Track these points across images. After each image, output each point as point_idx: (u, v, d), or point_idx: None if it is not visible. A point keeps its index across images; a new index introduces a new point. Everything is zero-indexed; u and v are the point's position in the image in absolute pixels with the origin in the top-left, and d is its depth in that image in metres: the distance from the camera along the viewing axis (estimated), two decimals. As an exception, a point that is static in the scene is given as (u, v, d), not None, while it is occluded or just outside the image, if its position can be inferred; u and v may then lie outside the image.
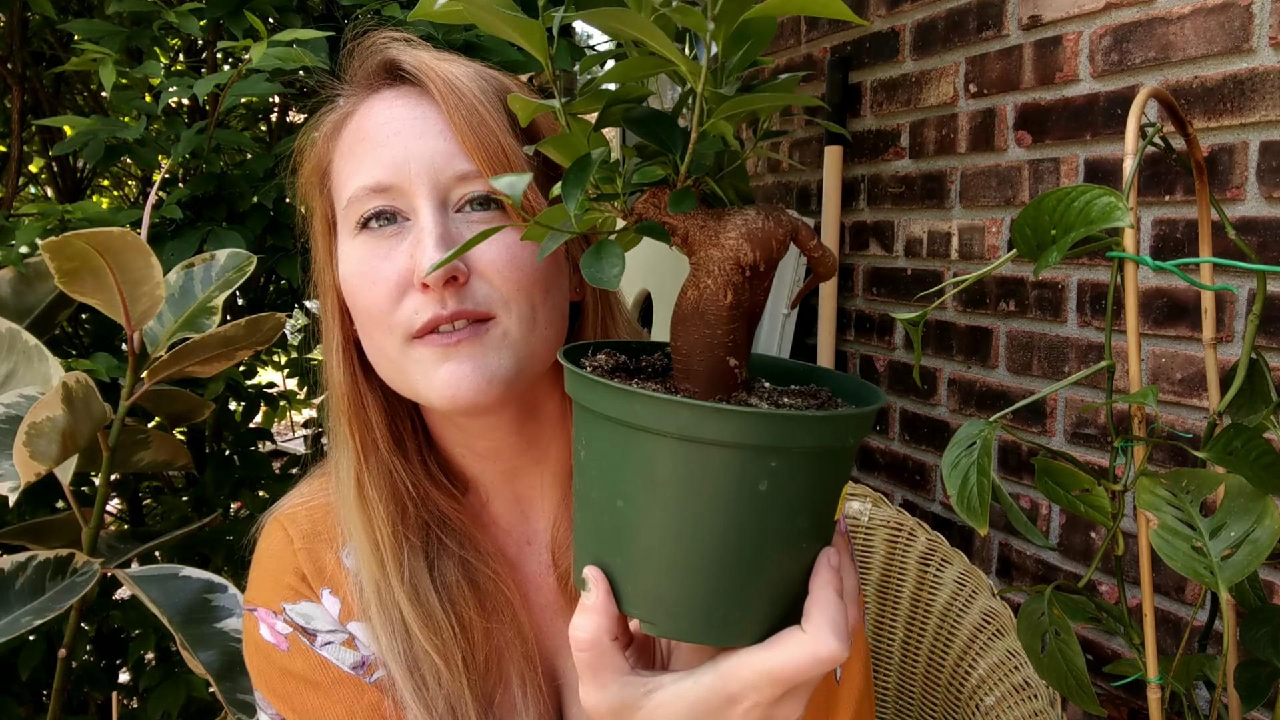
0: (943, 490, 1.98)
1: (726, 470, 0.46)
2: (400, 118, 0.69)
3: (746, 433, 0.45)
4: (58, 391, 0.81)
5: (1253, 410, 0.66)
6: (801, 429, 0.46)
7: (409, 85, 0.71)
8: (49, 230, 1.13)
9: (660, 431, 0.46)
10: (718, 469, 0.46)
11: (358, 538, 0.73)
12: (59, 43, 1.63)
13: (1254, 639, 0.65)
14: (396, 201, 0.68)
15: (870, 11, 2.11)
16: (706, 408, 0.45)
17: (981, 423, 0.61)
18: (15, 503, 0.82)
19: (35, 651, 1.31)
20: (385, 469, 0.74)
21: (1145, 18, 1.45)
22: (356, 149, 0.70)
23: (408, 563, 0.73)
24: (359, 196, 0.68)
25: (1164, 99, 0.64)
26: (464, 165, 0.68)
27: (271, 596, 0.76)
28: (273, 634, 0.75)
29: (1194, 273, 1.25)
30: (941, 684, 1.17)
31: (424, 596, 0.72)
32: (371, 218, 0.68)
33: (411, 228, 0.68)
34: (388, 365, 0.70)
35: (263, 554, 0.79)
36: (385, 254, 0.67)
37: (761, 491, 0.46)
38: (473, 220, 0.68)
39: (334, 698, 0.72)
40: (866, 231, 2.16)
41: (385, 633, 0.72)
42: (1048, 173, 1.66)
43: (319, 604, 0.75)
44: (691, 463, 0.46)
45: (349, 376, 0.75)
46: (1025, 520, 0.69)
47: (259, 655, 0.75)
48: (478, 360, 0.66)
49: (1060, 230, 0.53)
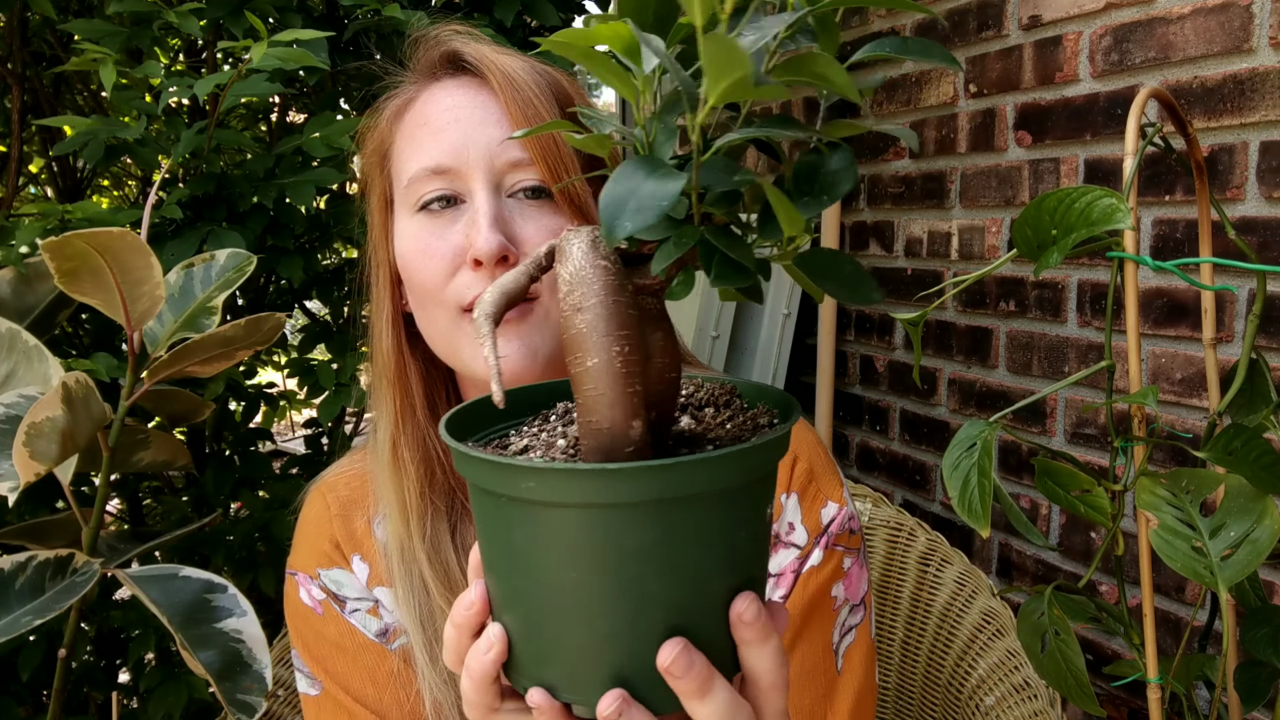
0: (943, 490, 1.98)
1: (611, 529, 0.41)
2: (461, 105, 0.74)
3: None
4: (58, 391, 0.81)
5: (1253, 410, 0.66)
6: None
7: (469, 75, 0.76)
8: (49, 230, 1.13)
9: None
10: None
11: (387, 497, 0.78)
12: (59, 43, 1.63)
13: (1254, 639, 0.65)
14: (454, 184, 0.73)
15: (870, 12, 2.11)
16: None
17: (982, 423, 0.61)
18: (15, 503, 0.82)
19: (35, 651, 1.31)
20: (420, 434, 0.79)
21: (1145, 18, 1.45)
22: (418, 133, 0.75)
23: (431, 524, 0.77)
24: (419, 178, 0.73)
25: (1164, 99, 0.64)
26: (518, 153, 0.73)
27: (309, 562, 0.82)
28: (310, 598, 0.81)
29: (1194, 273, 1.25)
30: (941, 684, 1.17)
31: (443, 556, 0.77)
32: (432, 200, 0.74)
33: (466, 209, 0.73)
34: (439, 338, 0.75)
35: (303, 521, 0.84)
36: (441, 233, 0.73)
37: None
38: (525, 207, 0.73)
39: (359, 663, 0.78)
40: (866, 231, 2.16)
41: (404, 588, 0.77)
42: (1048, 173, 1.66)
43: (350, 571, 0.81)
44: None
45: (395, 345, 0.80)
46: (1025, 520, 0.69)
47: (299, 618, 0.81)
48: (524, 339, 0.72)
49: (1061, 231, 0.53)
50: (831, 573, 0.79)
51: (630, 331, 0.42)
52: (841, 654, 0.78)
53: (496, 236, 0.70)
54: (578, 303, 0.41)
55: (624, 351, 0.41)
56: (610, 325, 0.41)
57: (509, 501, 0.42)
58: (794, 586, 0.78)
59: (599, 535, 0.41)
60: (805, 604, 0.78)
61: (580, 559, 0.42)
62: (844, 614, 0.79)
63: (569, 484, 0.40)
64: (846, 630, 0.79)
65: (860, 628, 0.80)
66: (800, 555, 0.79)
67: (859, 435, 2.24)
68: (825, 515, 0.80)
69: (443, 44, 0.78)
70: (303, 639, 0.81)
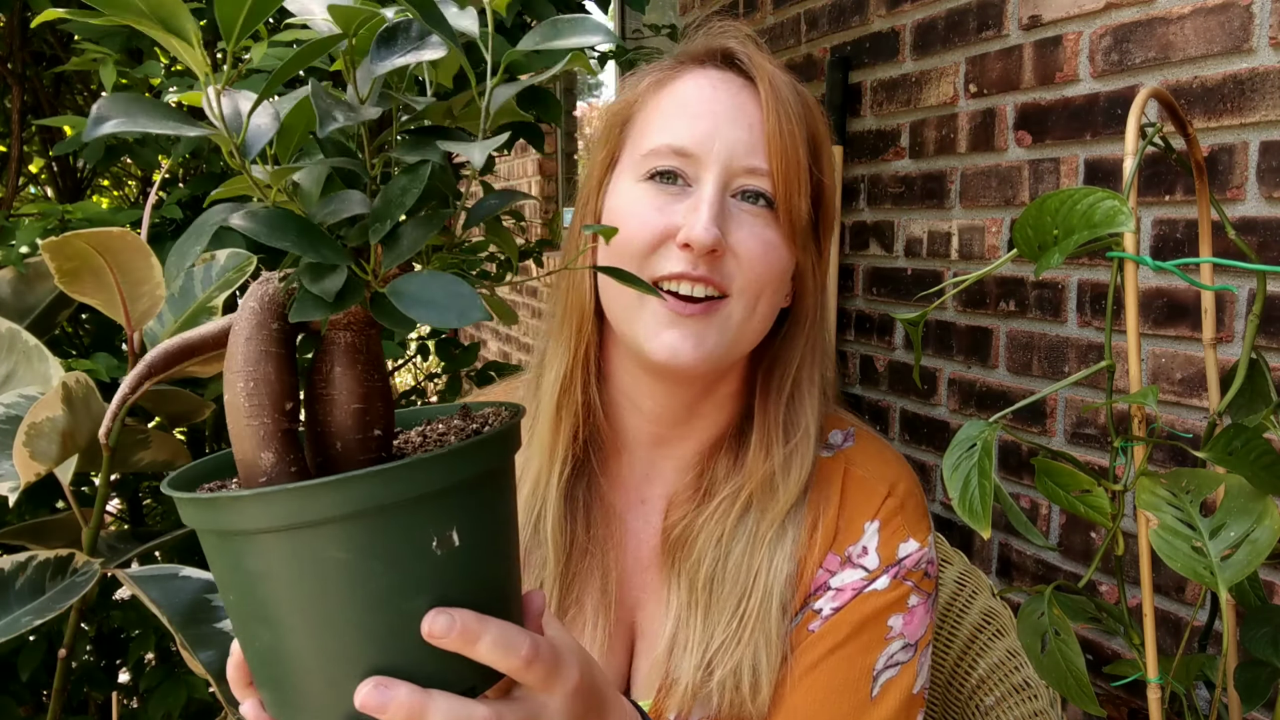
0: (943, 490, 1.98)
1: (319, 552, 0.43)
2: (720, 98, 0.77)
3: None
4: (58, 391, 0.81)
5: (1253, 410, 0.66)
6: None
7: (735, 73, 0.79)
8: (49, 230, 1.13)
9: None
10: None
11: (542, 428, 0.84)
12: (59, 43, 1.63)
13: (1254, 639, 0.65)
14: (689, 167, 0.76)
15: (870, 11, 2.11)
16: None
17: (982, 424, 0.61)
18: (15, 503, 0.82)
19: (35, 651, 1.31)
20: (584, 381, 0.84)
21: (1145, 18, 1.45)
22: (672, 110, 0.78)
23: (565, 464, 0.83)
24: (660, 151, 0.77)
25: (1164, 99, 0.64)
26: (759, 162, 0.76)
27: None
28: None
29: (1194, 273, 1.25)
30: (941, 684, 1.17)
31: (561, 496, 0.82)
32: (662, 173, 0.77)
33: (691, 193, 0.76)
34: (623, 307, 0.78)
35: None
36: (660, 206, 0.76)
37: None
38: (744, 211, 0.76)
39: None
40: (866, 231, 2.16)
41: (525, 512, 0.82)
42: (1048, 173, 1.66)
43: None
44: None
45: (592, 295, 0.83)
46: (1025, 520, 0.69)
47: None
48: (701, 335, 0.75)
49: (1063, 232, 0.53)
50: (894, 603, 0.80)
51: (255, 368, 0.44)
52: (880, 683, 0.79)
53: (715, 230, 0.73)
54: (229, 345, 0.45)
55: (248, 387, 0.44)
56: (235, 363, 0.44)
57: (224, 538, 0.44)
58: (849, 602, 0.80)
59: (279, 561, 0.43)
60: (857, 620, 0.79)
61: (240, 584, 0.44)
62: (895, 647, 0.80)
63: (211, 513, 0.43)
64: (893, 664, 0.80)
65: (907, 667, 0.80)
66: (866, 578, 0.81)
67: (859, 435, 2.24)
68: (904, 549, 0.82)
69: (721, 37, 0.82)
70: None
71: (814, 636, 0.79)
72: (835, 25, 2.27)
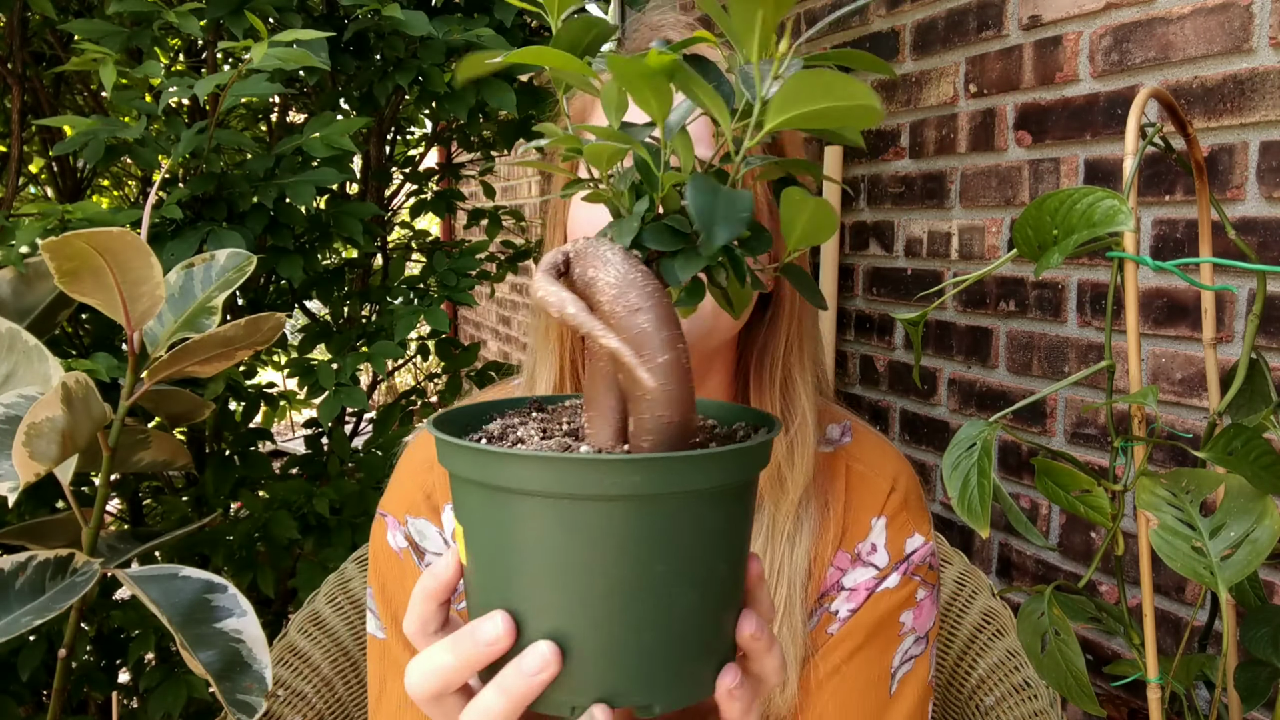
0: (943, 490, 1.98)
1: (583, 522, 0.42)
2: None
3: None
4: (57, 391, 0.81)
5: (1253, 410, 0.66)
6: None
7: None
8: (49, 230, 1.13)
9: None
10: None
11: None
12: (59, 43, 1.63)
13: (1254, 639, 0.65)
14: None
15: (870, 11, 2.11)
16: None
17: (981, 423, 0.61)
18: (15, 503, 0.82)
19: (35, 651, 1.31)
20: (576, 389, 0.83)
21: (1145, 18, 1.45)
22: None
23: None
24: None
25: (1164, 99, 0.64)
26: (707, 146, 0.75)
27: (400, 506, 0.86)
28: (394, 542, 0.85)
29: (1194, 273, 1.25)
30: (941, 684, 1.17)
31: None
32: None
33: None
34: None
35: (402, 466, 0.89)
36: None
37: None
38: None
39: None
40: (866, 231, 2.16)
41: None
42: (1048, 173, 1.66)
43: (436, 524, 0.85)
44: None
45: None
46: (1025, 520, 0.69)
47: (381, 558, 0.85)
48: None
49: (1062, 232, 0.53)
50: (904, 599, 0.81)
51: (680, 330, 0.43)
52: (898, 679, 0.80)
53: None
54: (635, 304, 0.42)
55: (684, 348, 0.43)
56: (670, 323, 0.42)
57: (577, 503, 0.42)
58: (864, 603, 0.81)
59: (668, 526, 0.43)
60: (873, 622, 0.80)
61: (647, 553, 0.43)
62: (908, 642, 0.82)
63: (678, 472, 0.42)
64: (907, 659, 0.81)
65: (920, 659, 0.82)
66: (878, 576, 0.82)
67: (859, 435, 2.24)
68: (910, 545, 0.83)
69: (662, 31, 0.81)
70: (381, 579, 0.85)
71: (834, 640, 0.80)
72: (835, 25, 2.27)
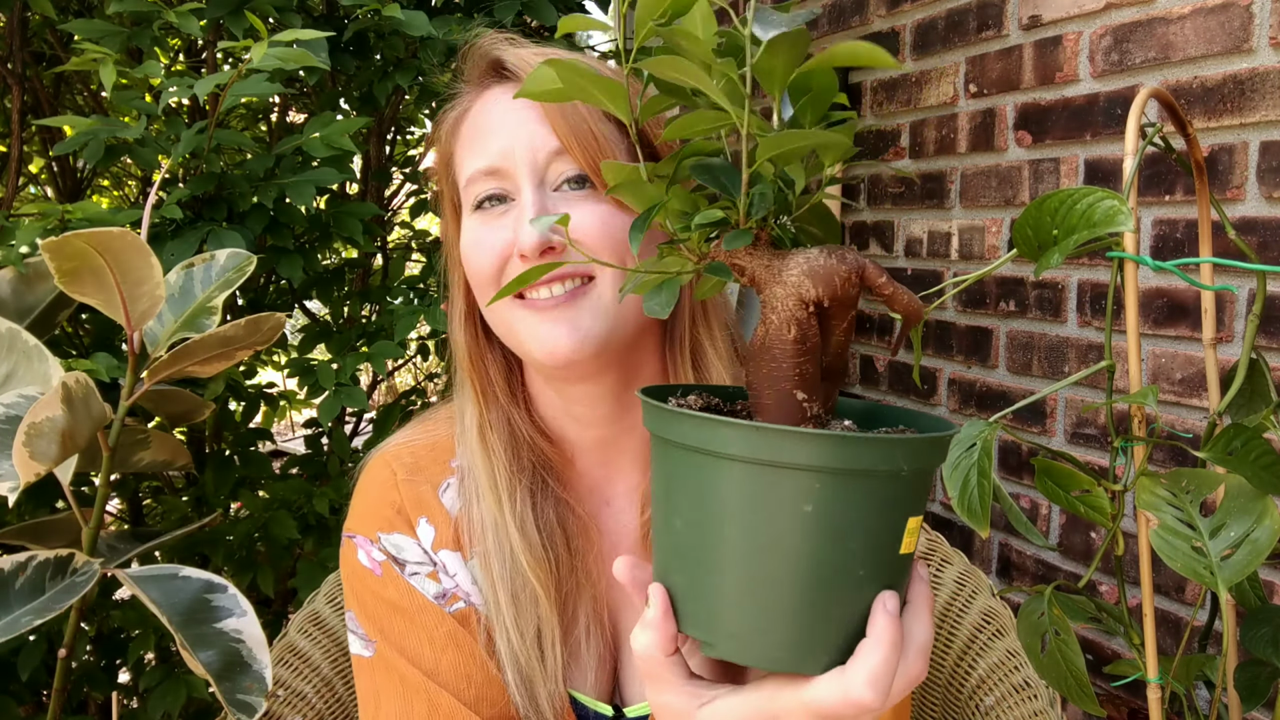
0: (943, 490, 1.98)
1: (771, 489, 0.47)
2: (505, 110, 0.79)
3: (781, 450, 0.46)
4: (57, 391, 0.81)
5: (1253, 410, 0.66)
6: (840, 449, 0.46)
7: (513, 82, 0.82)
8: (49, 230, 1.13)
9: (707, 451, 0.48)
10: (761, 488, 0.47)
11: (479, 478, 0.83)
12: (59, 43, 1.63)
13: (1254, 639, 0.65)
14: (504, 184, 0.78)
15: (870, 11, 2.11)
16: (729, 424, 0.47)
17: (982, 423, 0.61)
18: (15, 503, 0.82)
19: (35, 651, 1.31)
20: (504, 416, 0.85)
21: (1145, 18, 1.45)
22: (472, 140, 0.81)
23: (519, 498, 0.82)
24: (474, 180, 0.79)
25: (1164, 99, 0.64)
26: (557, 143, 0.76)
27: (369, 525, 0.85)
28: (369, 560, 0.84)
29: (1194, 273, 1.25)
30: (941, 684, 1.17)
31: (529, 529, 0.81)
32: (485, 199, 0.79)
33: (515, 206, 0.78)
34: (501, 325, 0.80)
35: (366, 486, 0.89)
36: (493, 229, 0.78)
37: (807, 513, 0.47)
38: (570, 198, 0.77)
39: (417, 623, 0.81)
40: (866, 231, 2.16)
41: (498, 560, 0.81)
42: (1048, 173, 1.66)
43: (411, 536, 0.85)
44: (738, 483, 0.48)
45: (471, 338, 0.86)
46: (1025, 520, 0.69)
47: (356, 579, 0.85)
48: (573, 323, 0.75)
49: (1062, 232, 0.53)
50: None
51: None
52: None
53: (535, 229, 0.74)
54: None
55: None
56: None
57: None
58: None
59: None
60: None
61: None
62: None
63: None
64: None
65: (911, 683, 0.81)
66: None
67: (859, 435, 2.24)
68: None
69: (487, 54, 0.83)
70: (359, 600, 0.84)
71: None
72: (835, 25, 2.27)
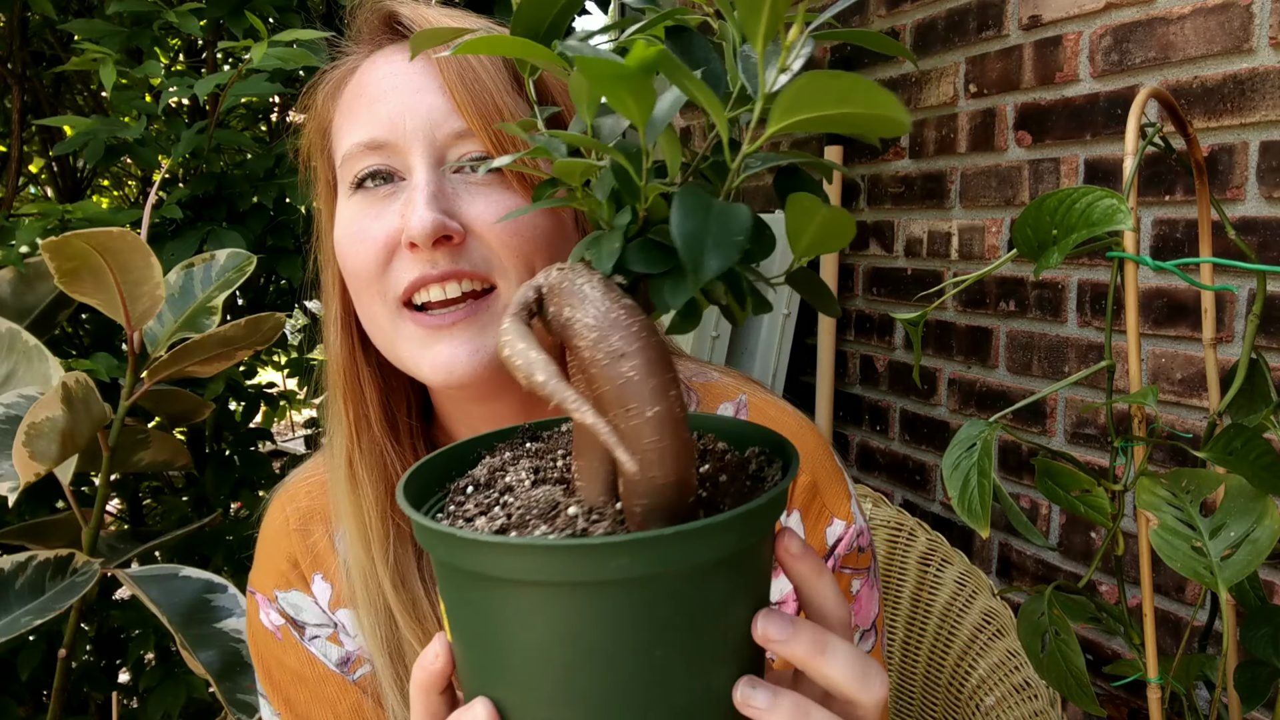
0: (943, 490, 1.98)
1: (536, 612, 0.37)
2: (399, 73, 0.65)
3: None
4: (57, 391, 0.81)
5: (1253, 410, 0.66)
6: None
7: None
8: (49, 230, 1.13)
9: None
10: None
11: (346, 519, 0.70)
12: (59, 43, 1.63)
13: (1254, 639, 0.65)
14: (392, 160, 0.64)
15: (870, 11, 2.11)
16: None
17: (982, 423, 0.61)
18: (15, 503, 0.82)
19: (35, 651, 1.31)
20: (377, 449, 0.71)
21: (1145, 18, 1.45)
22: (355, 105, 0.66)
23: (394, 548, 0.69)
24: (354, 154, 0.65)
25: (1164, 99, 0.64)
26: (460, 123, 0.63)
27: (266, 582, 0.74)
28: (269, 622, 0.73)
29: (1194, 273, 1.25)
30: (941, 684, 1.17)
31: (410, 584, 0.69)
32: (367, 177, 0.65)
33: (405, 186, 0.64)
34: (379, 334, 0.67)
35: (263, 534, 0.77)
36: (377, 214, 0.64)
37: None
38: (470, 181, 0.64)
39: (319, 696, 0.71)
40: (866, 231, 2.16)
41: (369, 618, 0.69)
42: (1048, 173, 1.66)
43: (308, 594, 0.73)
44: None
45: (346, 350, 0.72)
46: (1025, 520, 0.69)
47: (259, 640, 0.74)
48: (475, 342, 0.63)
49: (1062, 231, 0.53)
50: None
51: (674, 373, 0.37)
52: None
53: (432, 214, 0.60)
54: (619, 348, 0.36)
55: (678, 396, 0.36)
56: (659, 369, 0.36)
57: (529, 588, 0.37)
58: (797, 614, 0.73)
59: (666, 605, 0.37)
60: None
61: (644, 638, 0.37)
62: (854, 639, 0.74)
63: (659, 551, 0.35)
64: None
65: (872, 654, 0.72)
66: None
67: (859, 435, 2.24)
68: (831, 535, 0.72)
69: (382, 7, 0.69)
70: (263, 664, 0.74)
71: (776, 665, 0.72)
72: (835, 25, 2.27)
